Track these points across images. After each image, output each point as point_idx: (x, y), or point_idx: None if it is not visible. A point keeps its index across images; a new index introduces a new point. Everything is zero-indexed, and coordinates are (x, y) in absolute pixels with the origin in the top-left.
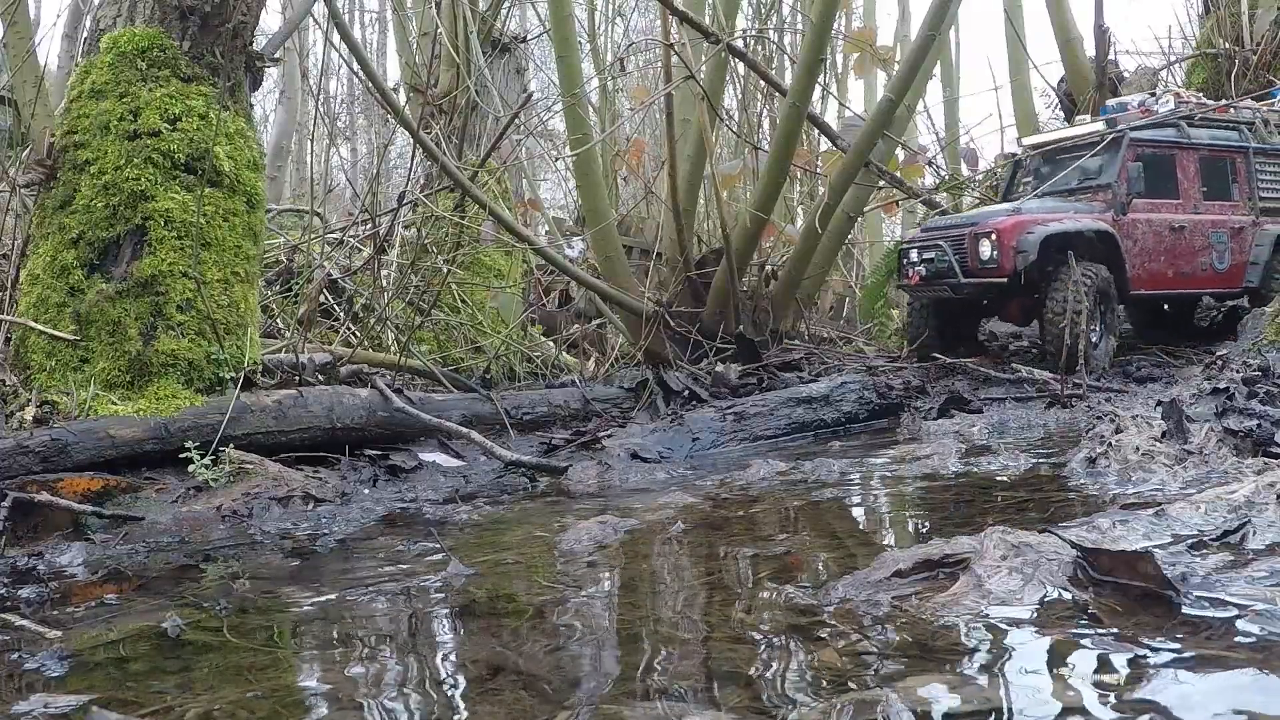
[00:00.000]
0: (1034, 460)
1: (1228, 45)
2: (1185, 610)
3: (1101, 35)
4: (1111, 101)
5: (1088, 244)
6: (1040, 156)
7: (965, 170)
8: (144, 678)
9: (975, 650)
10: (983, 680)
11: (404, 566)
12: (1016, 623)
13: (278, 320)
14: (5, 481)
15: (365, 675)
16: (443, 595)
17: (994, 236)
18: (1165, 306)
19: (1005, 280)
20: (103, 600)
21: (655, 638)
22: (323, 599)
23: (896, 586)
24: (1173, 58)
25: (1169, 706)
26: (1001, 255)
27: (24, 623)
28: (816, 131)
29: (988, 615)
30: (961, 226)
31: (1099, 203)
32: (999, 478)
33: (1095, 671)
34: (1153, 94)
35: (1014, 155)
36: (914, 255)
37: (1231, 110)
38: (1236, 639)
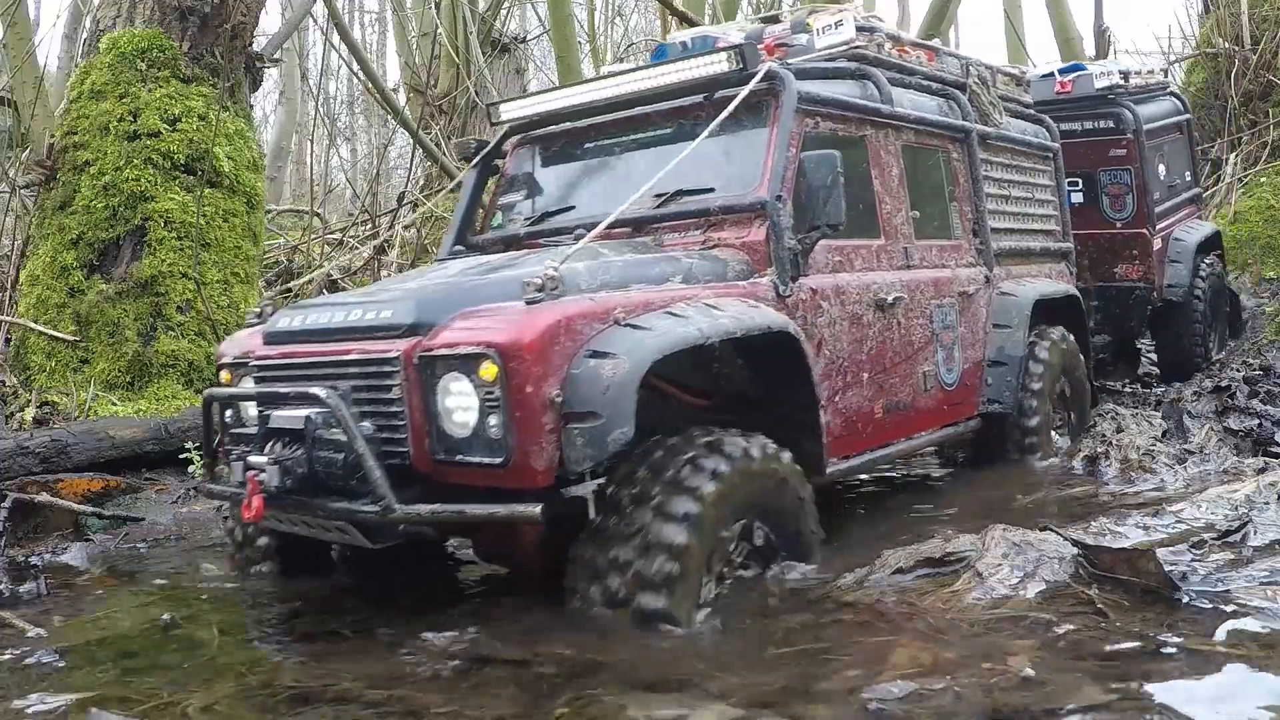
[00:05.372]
0: None
1: (1227, 45)
2: (1187, 608)
3: (1101, 35)
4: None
5: (725, 367)
6: (540, 150)
7: None
8: (141, 673)
9: (977, 648)
10: (985, 679)
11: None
12: (1019, 621)
13: None
14: (5, 482)
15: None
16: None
17: (487, 369)
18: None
19: (535, 508)
20: (101, 599)
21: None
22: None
23: (898, 584)
24: (1172, 57)
25: (1172, 703)
26: (518, 432)
27: (23, 623)
28: None
29: (990, 613)
30: (380, 333)
31: (731, 252)
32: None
33: (1098, 669)
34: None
35: (479, 144)
36: (243, 426)
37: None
38: (1238, 637)
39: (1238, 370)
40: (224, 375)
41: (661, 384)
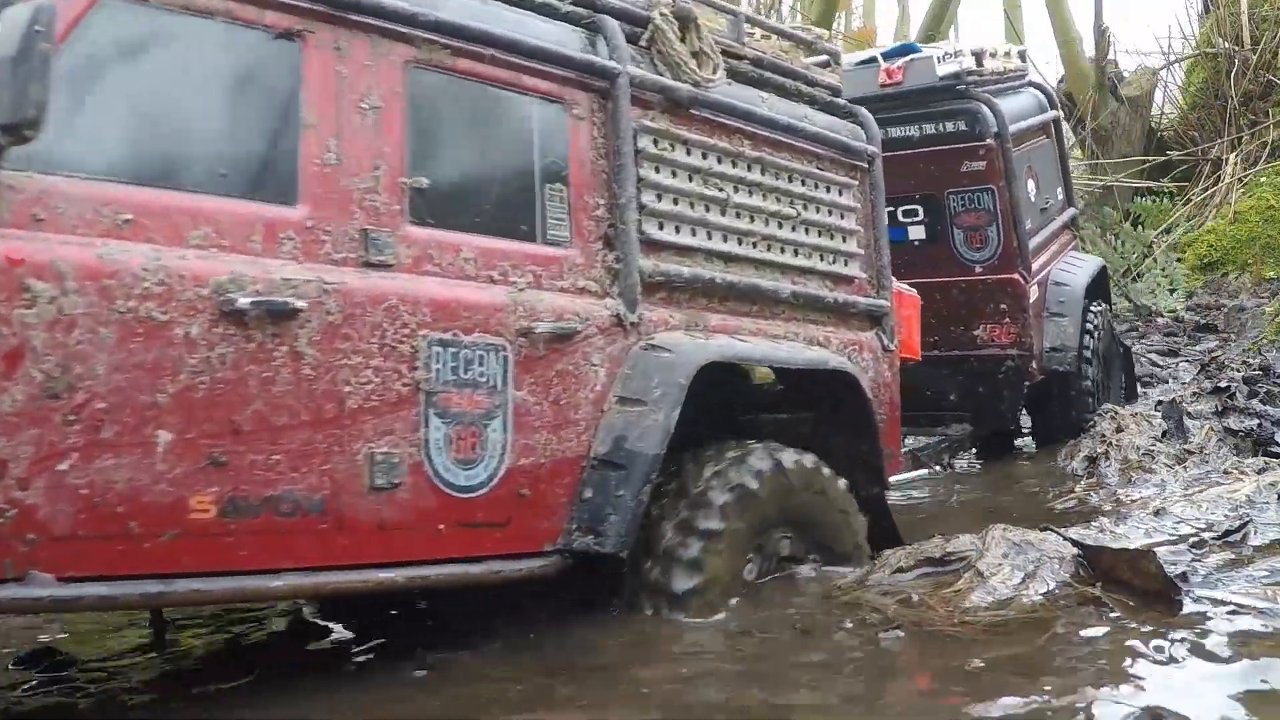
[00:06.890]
0: None
1: (1227, 45)
2: (1187, 609)
3: (1101, 35)
4: None
5: None
6: None
7: None
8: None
9: (977, 649)
10: (987, 680)
11: None
12: (1020, 621)
13: None
14: None
15: None
16: None
17: None
18: None
19: None
20: None
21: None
22: None
23: (899, 584)
24: (1172, 57)
25: (1172, 704)
26: None
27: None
28: None
29: (990, 614)
30: None
31: None
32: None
33: (1098, 670)
34: None
35: None
36: None
37: None
38: (1238, 638)
39: (1238, 370)
40: None
41: None
